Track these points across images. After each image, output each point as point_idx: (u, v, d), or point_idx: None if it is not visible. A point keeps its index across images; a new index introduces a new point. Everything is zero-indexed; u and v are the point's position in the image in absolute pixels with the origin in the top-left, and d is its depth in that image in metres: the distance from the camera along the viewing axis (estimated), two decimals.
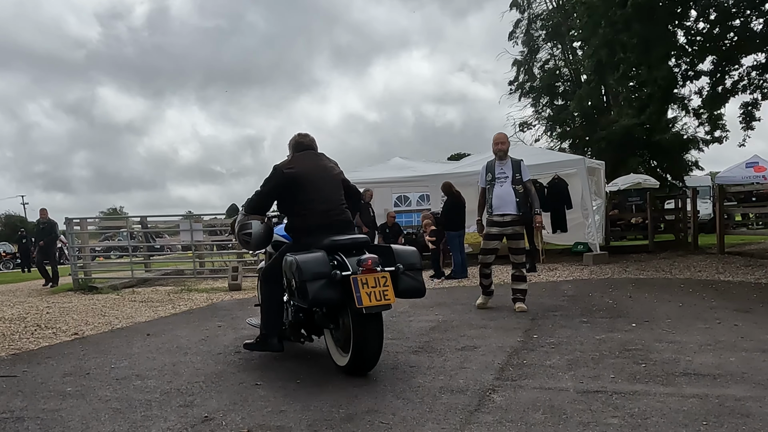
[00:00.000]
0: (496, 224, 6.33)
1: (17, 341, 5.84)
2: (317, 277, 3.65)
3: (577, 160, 12.24)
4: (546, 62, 24.79)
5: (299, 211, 4.20)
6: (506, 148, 6.53)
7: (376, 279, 3.70)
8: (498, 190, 6.36)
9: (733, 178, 19.95)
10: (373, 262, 3.73)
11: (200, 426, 3.09)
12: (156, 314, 7.40)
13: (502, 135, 6.62)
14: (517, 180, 6.34)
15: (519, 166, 6.41)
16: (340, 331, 3.99)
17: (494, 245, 6.40)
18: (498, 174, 6.41)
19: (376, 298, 3.66)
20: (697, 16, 12.01)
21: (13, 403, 3.63)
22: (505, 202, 6.29)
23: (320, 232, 4.02)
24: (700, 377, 3.57)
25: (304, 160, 4.35)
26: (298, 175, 4.21)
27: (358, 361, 3.84)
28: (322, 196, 4.21)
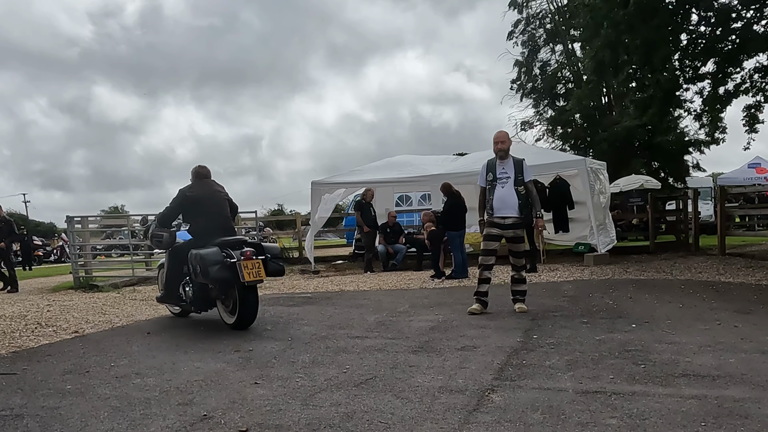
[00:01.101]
0: (496, 225, 6.19)
1: (18, 339, 5.84)
2: (215, 263, 5.38)
3: (579, 160, 12.23)
4: (546, 63, 24.76)
5: (198, 220, 5.98)
6: (507, 147, 6.33)
7: (253, 264, 5.46)
8: (499, 192, 6.19)
9: (736, 179, 19.95)
10: (250, 253, 5.49)
11: (199, 424, 3.10)
12: (156, 313, 7.40)
13: (503, 133, 6.43)
14: (519, 181, 6.18)
15: (521, 166, 6.24)
16: (228, 300, 5.75)
17: (494, 246, 6.25)
18: (500, 174, 6.24)
19: (253, 276, 5.44)
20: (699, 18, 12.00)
21: (13, 401, 3.64)
22: (507, 204, 6.14)
23: (213, 235, 5.75)
24: (699, 378, 3.57)
25: (202, 186, 6.13)
26: (196, 197, 6.00)
27: (242, 319, 5.61)
28: (213, 211, 6.01)
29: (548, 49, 24.70)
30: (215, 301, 5.90)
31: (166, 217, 6.12)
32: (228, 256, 5.42)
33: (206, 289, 5.77)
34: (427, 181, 12.77)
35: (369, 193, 12.90)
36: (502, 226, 6.16)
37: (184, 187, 6.12)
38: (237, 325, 5.62)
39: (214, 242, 5.59)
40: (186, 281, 6.04)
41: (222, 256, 5.41)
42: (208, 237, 5.71)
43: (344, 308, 6.99)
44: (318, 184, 13.10)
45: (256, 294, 5.67)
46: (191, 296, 5.94)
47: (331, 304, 7.45)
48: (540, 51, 24.72)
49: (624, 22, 10.82)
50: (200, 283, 5.70)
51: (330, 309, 6.99)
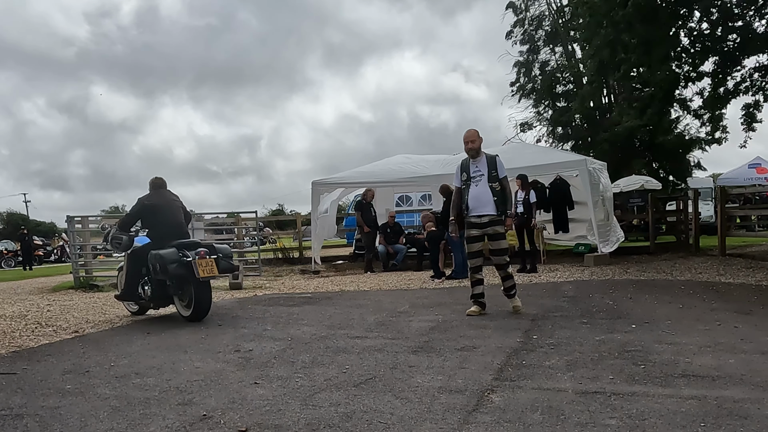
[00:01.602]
0: (474, 225, 6.09)
1: (18, 339, 5.85)
2: (173, 261, 6.05)
3: (579, 160, 12.23)
4: (546, 64, 24.75)
5: (155, 226, 6.60)
6: (477, 146, 6.18)
7: (206, 262, 6.15)
8: (474, 190, 6.10)
9: (736, 179, 19.94)
10: (204, 253, 6.18)
11: (198, 424, 3.10)
12: (156, 313, 7.40)
13: (473, 132, 6.22)
14: (493, 177, 6.06)
15: (494, 162, 6.12)
16: (184, 296, 6.37)
17: (478, 247, 6.15)
18: (473, 173, 6.13)
19: (207, 272, 6.12)
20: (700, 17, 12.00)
21: (13, 401, 3.64)
22: (482, 202, 6.04)
23: (169, 238, 6.38)
24: (698, 379, 3.56)
25: (158, 195, 6.79)
26: (154, 204, 6.65)
27: (197, 312, 6.24)
28: (169, 217, 6.63)
29: (548, 50, 24.71)
30: (172, 297, 6.49)
31: (126, 222, 6.74)
32: (184, 256, 6.12)
33: (164, 286, 6.37)
34: (427, 181, 12.77)
35: (369, 194, 12.90)
36: (480, 225, 6.06)
37: (142, 196, 6.78)
38: (193, 316, 6.26)
39: (171, 244, 6.26)
40: (145, 281, 6.60)
41: (179, 256, 6.11)
42: (165, 240, 6.34)
43: (344, 308, 7.00)
44: (318, 184, 13.11)
45: (209, 289, 6.38)
46: (150, 294, 6.54)
47: (331, 304, 7.46)
48: (540, 52, 24.72)
49: (623, 22, 10.83)
50: (158, 281, 6.33)
51: (330, 309, 6.99)
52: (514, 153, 13.90)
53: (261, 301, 8.09)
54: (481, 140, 6.26)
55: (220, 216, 18.61)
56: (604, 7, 11.14)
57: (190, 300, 6.29)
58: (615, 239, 11.96)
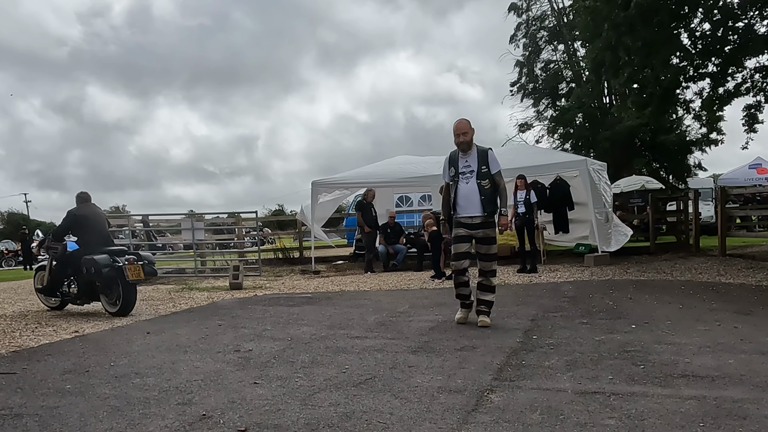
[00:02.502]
0: (463, 225, 5.56)
1: (18, 338, 5.85)
2: (106, 266, 6.96)
3: (580, 161, 12.24)
4: (548, 64, 24.76)
5: (84, 234, 7.44)
6: (469, 138, 5.58)
7: (135, 267, 7.07)
8: (463, 188, 5.54)
9: (736, 179, 19.94)
10: (133, 259, 7.12)
11: (198, 424, 3.10)
12: (156, 312, 7.41)
13: (464, 123, 5.63)
14: (483, 173, 5.49)
15: (485, 156, 5.56)
16: (112, 295, 7.21)
17: (464, 248, 5.58)
18: (462, 168, 5.57)
19: (135, 276, 7.07)
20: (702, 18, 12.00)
21: (13, 400, 3.64)
22: (471, 201, 5.50)
23: (97, 245, 7.26)
24: (698, 379, 3.57)
25: (85, 207, 7.67)
26: (82, 216, 7.49)
27: (124, 308, 7.13)
28: (96, 227, 7.52)
29: (550, 49, 24.72)
30: (99, 295, 7.35)
31: (60, 233, 7.69)
32: (116, 261, 7.02)
33: (93, 286, 7.20)
34: (427, 181, 12.77)
35: (370, 194, 12.91)
36: (470, 226, 5.54)
37: (72, 209, 7.60)
38: (120, 312, 7.14)
39: (103, 250, 7.15)
40: (71, 280, 7.52)
41: (111, 261, 7.01)
42: (93, 247, 7.23)
43: (344, 308, 7.00)
44: (318, 184, 13.12)
45: (135, 289, 7.34)
46: (76, 291, 7.45)
47: (331, 304, 7.46)
48: (542, 52, 24.72)
49: (625, 24, 10.82)
50: (88, 281, 7.18)
51: (330, 309, 6.99)
52: (514, 153, 13.92)
53: (261, 301, 8.09)
54: (473, 132, 5.67)
55: (221, 216, 18.64)
56: (605, 9, 11.13)
57: (117, 298, 7.17)
58: (622, 237, 11.97)
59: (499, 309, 6.36)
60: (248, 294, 9.17)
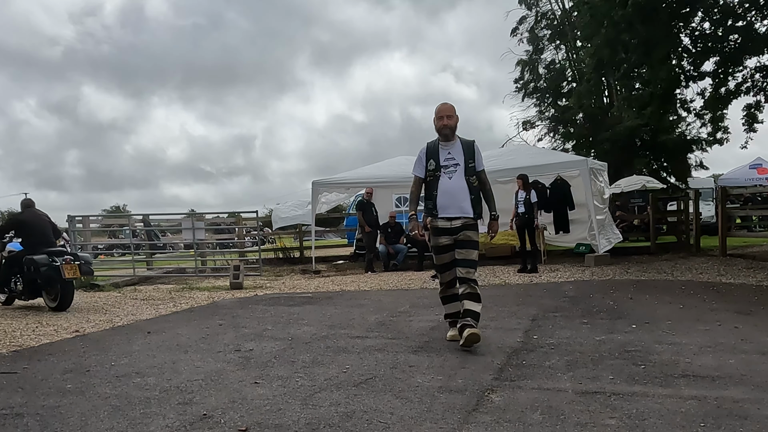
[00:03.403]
0: (444, 232, 4.75)
1: (19, 338, 5.85)
2: (45, 265, 7.47)
3: (580, 161, 12.23)
4: (551, 62, 24.74)
5: (27, 236, 8.06)
6: (454, 124, 4.79)
7: (71, 266, 7.60)
8: (446, 184, 4.71)
9: (737, 179, 19.93)
10: (70, 259, 7.65)
11: (199, 423, 3.10)
12: (157, 312, 7.41)
13: (448, 106, 4.86)
14: (470, 169, 4.73)
15: (472, 149, 4.78)
16: (52, 291, 7.81)
17: (449, 258, 4.77)
18: (445, 161, 4.75)
19: (72, 274, 7.61)
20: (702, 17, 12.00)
21: (13, 400, 3.65)
22: (456, 200, 4.70)
23: (39, 246, 7.82)
24: (698, 379, 3.57)
25: (29, 212, 8.29)
26: (24, 220, 8.20)
27: (62, 304, 7.68)
28: (37, 230, 8.08)
29: (552, 48, 24.70)
30: (41, 291, 7.94)
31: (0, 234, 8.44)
32: (54, 261, 7.55)
33: (36, 283, 7.80)
34: None
35: (368, 192, 12.95)
36: (451, 230, 4.72)
37: (15, 213, 9.09)
38: (58, 307, 7.69)
39: (43, 251, 7.71)
40: (17, 278, 8.08)
41: (50, 261, 7.55)
42: (35, 247, 7.79)
43: (345, 308, 7.00)
44: (318, 184, 13.12)
45: (72, 286, 7.94)
46: (21, 288, 8.02)
47: (332, 304, 7.46)
48: (544, 50, 24.71)
49: (624, 21, 10.83)
50: (31, 278, 7.74)
51: (330, 309, 6.99)
52: (514, 153, 13.91)
53: (261, 301, 8.10)
54: (458, 119, 4.87)
55: (221, 216, 18.64)
56: (604, 6, 11.15)
57: (56, 295, 7.75)
58: (612, 239, 11.96)
59: (499, 309, 6.37)
60: (249, 294, 9.17)
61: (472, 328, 4.50)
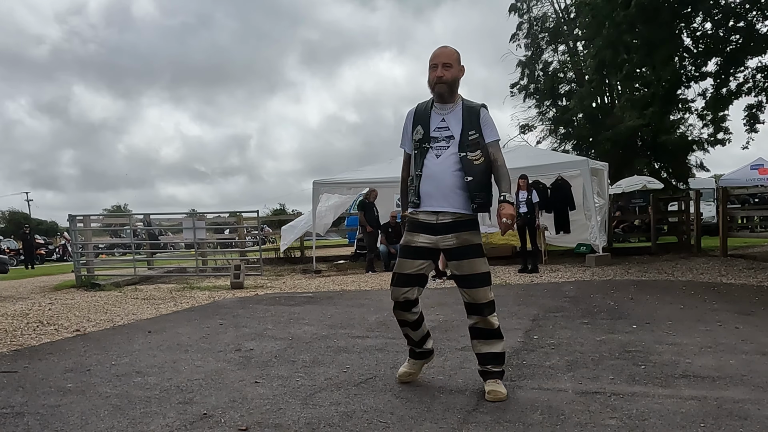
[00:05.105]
0: (424, 228, 3.38)
1: (19, 337, 5.86)
2: None
3: (581, 161, 12.23)
4: (549, 64, 24.75)
5: None
6: (451, 77, 3.35)
7: None
8: (432, 165, 3.35)
9: (738, 180, 19.92)
10: None
11: (199, 423, 3.10)
12: (158, 312, 7.42)
13: (447, 50, 3.40)
14: (471, 141, 3.31)
15: (476, 115, 3.36)
16: None
17: (417, 269, 3.39)
18: (436, 131, 3.39)
19: None
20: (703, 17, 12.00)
21: (14, 399, 3.65)
22: (442, 187, 3.33)
23: None
24: (699, 379, 3.56)
25: None
26: None
27: None
28: None
29: (551, 50, 24.72)
30: None
31: None
32: None
33: None
34: None
35: (373, 194, 12.92)
36: (435, 229, 3.35)
37: None
38: None
39: None
40: None
41: None
42: None
43: (345, 308, 7.00)
44: (319, 184, 13.12)
45: None
46: None
47: (333, 303, 7.46)
48: (543, 52, 24.73)
49: (626, 22, 10.83)
50: None
51: (331, 309, 6.99)
52: (515, 153, 13.91)
53: (262, 301, 8.10)
54: (463, 71, 3.47)
55: (222, 215, 18.65)
56: (606, 7, 11.15)
57: None
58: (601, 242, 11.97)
59: (499, 309, 6.32)
60: (249, 293, 9.18)
61: (496, 380, 3.34)
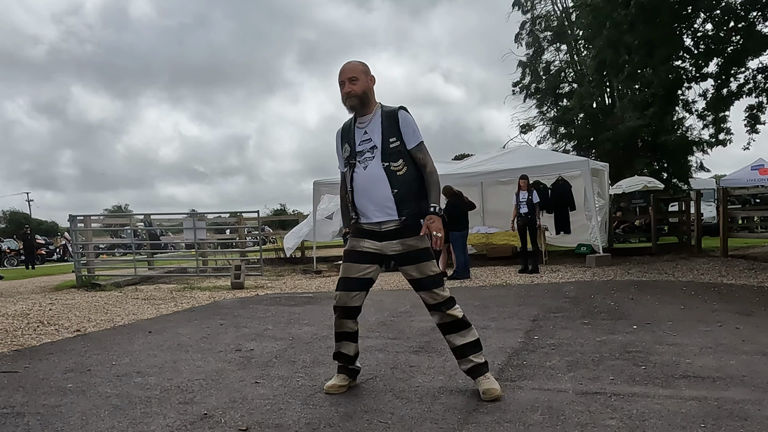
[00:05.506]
0: (368, 234, 3.39)
1: (20, 337, 5.87)
2: None
3: (581, 161, 12.24)
4: (551, 64, 24.76)
5: None
6: (360, 90, 3.30)
7: None
8: (360, 178, 3.34)
9: (739, 180, 19.90)
10: None
11: (199, 423, 3.10)
12: (158, 312, 7.42)
13: (351, 65, 3.35)
14: (393, 150, 3.27)
15: (395, 120, 3.31)
16: None
17: (363, 273, 3.45)
18: (360, 144, 3.36)
19: None
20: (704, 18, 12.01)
21: (14, 399, 3.65)
22: (375, 199, 3.32)
23: None
24: (699, 380, 3.56)
25: None
26: None
27: None
28: None
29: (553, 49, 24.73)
30: None
31: None
32: None
33: None
34: None
35: None
36: (379, 235, 3.37)
37: None
38: None
39: None
40: None
41: None
42: None
43: None
44: (320, 184, 13.12)
45: None
46: None
47: (333, 303, 7.45)
48: (545, 52, 24.74)
49: (626, 22, 10.84)
50: None
51: (331, 309, 6.97)
52: (516, 154, 13.91)
53: (262, 301, 8.10)
54: (373, 81, 3.40)
55: (222, 216, 18.66)
56: (606, 8, 11.16)
57: None
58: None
59: (500, 309, 6.37)
60: (250, 293, 9.18)
61: (484, 378, 3.35)
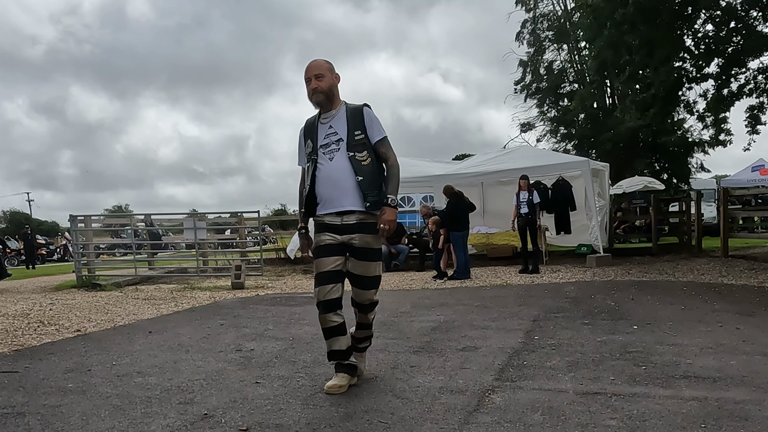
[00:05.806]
0: (329, 228, 3.54)
1: (20, 337, 5.86)
2: None
3: (582, 161, 12.24)
4: (551, 63, 24.75)
5: None
6: (326, 86, 3.49)
7: None
8: (326, 169, 3.49)
9: (739, 181, 19.89)
10: None
11: (199, 423, 3.10)
12: (158, 312, 7.42)
13: (317, 63, 3.54)
14: (358, 142, 3.46)
15: (360, 116, 3.52)
16: None
17: (333, 265, 3.63)
18: (325, 138, 3.52)
19: None
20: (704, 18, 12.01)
21: (15, 399, 3.65)
22: (340, 188, 3.47)
23: None
24: (700, 380, 3.56)
25: None
26: None
27: None
28: None
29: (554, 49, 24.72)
30: None
31: None
32: None
33: None
34: (430, 181, 12.78)
35: None
36: (341, 229, 3.51)
37: None
38: None
39: None
40: None
41: None
42: None
43: (345, 308, 6.96)
44: None
45: None
46: None
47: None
48: (546, 51, 24.73)
49: (626, 22, 10.84)
50: None
51: None
52: (516, 154, 13.91)
53: (263, 301, 8.10)
54: (338, 79, 3.60)
55: (223, 216, 18.67)
56: (607, 8, 11.16)
57: None
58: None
59: (500, 309, 6.37)
60: (250, 294, 9.18)
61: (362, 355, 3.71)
